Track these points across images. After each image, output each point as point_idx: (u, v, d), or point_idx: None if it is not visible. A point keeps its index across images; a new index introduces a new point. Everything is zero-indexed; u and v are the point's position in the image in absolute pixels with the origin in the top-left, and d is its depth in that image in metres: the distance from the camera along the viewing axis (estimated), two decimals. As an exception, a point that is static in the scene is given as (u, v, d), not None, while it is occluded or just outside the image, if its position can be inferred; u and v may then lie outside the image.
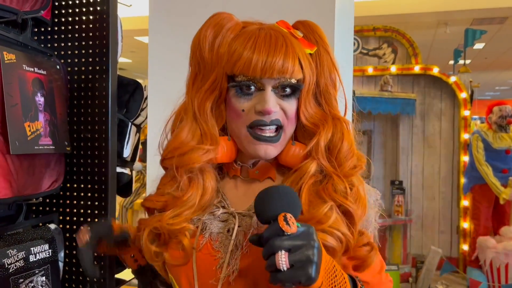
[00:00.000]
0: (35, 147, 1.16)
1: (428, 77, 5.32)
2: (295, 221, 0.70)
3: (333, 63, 0.92)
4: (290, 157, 0.90)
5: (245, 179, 0.95)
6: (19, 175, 1.13)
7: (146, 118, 1.53)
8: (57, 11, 1.41)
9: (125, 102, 1.47)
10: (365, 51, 5.50)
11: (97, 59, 1.39)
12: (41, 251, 1.28)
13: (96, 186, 1.40)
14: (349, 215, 0.84)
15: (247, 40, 0.84)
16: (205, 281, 0.86)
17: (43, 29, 1.42)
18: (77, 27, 1.40)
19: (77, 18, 1.40)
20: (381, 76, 5.18)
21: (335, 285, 0.73)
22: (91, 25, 1.39)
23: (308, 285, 0.68)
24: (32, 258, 1.24)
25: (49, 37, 1.42)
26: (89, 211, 1.41)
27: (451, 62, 7.27)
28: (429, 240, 5.47)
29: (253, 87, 0.85)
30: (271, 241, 0.68)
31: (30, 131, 1.13)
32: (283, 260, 0.66)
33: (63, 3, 1.41)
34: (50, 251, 1.31)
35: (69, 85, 1.39)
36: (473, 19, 6.80)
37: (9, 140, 1.05)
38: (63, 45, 1.40)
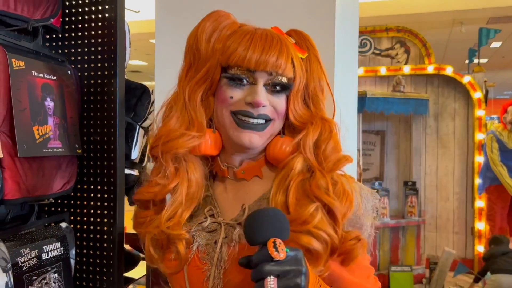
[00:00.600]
0: (44, 150, 1.21)
1: (441, 77, 5.29)
2: (284, 247, 0.71)
3: (322, 70, 0.96)
4: (278, 151, 0.92)
5: (233, 179, 0.97)
6: (28, 177, 1.18)
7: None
8: (67, 18, 1.46)
9: (132, 105, 1.51)
10: (377, 52, 5.49)
11: (105, 64, 1.44)
12: (53, 249, 1.33)
13: (105, 187, 1.45)
14: (332, 213, 0.85)
15: (243, 36, 0.88)
16: None
17: (54, 36, 1.47)
18: (86, 33, 1.45)
19: (86, 25, 1.45)
20: (394, 76, 5.16)
21: None
22: (99, 32, 1.43)
23: None
24: (44, 256, 1.29)
25: (60, 43, 1.48)
26: (98, 211, 1.45)
27: (468, 61, 7.20)
28: (443, 241, 5.43)
29: (245, 81, 0.88)
30: (260, 267, 0.70)
31: (38, 134, 1.18)
32: (271, 285, 0.69)
33: (73, 10, 1.46)
34: (62, 249, 1.35)
35: (80, 90, 1.44)
36: (489, 18, 6.72)
37: (17, 143, 1.10)
38: (73, 51, 1.45)
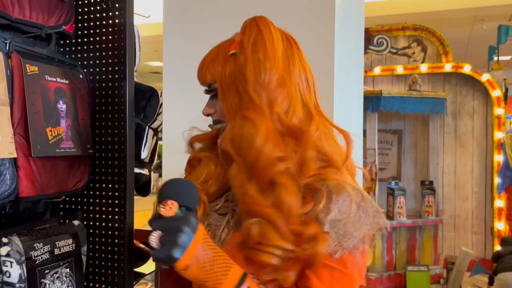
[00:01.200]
0: (56, 150, 1.27)
1: (459, 75, 5.24)
2: (176, 208, 0.78)
3: (267, 50, 0.89)
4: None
5: None
6: (41, 176, 1.24)
7: (162, 122, 1.63)
8: (80, 24, 1.53)
9: (142, 107, 1.57)
10: (394, 51, 5.47)
11: (116, 68, 1.50)
12: (65, 245, 1.40)
13: (116, 185, 1.51)
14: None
15: None
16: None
17: (68, 42, 1.54)
18: (98, 38, 1.51)
19: (98, 30, 1.51)
20: (411, 75, 5.14)
21: (209, 271, 0.77)
22: (110, 37, 1.50)
23: (170, 264, 0.76)
24: (57, 251, 1.36)
25: (74, 48, 1.54)
26: (110, 209, 1.52)
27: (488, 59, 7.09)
28: (462, 241, 5.38)
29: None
30: (150, 222, 0.79)
31: (51, 135, 1.25)
32: (153, 238, 0.76)
33: (86, 17, 1.53)
34: (73, 245, 1.42)
35: (91, 93, 1.51)
36: (511, 14, 6.61)
37: (31, 143, 1.17)
38: (85, 55, 1.52)
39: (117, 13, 1.49)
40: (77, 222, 1.48)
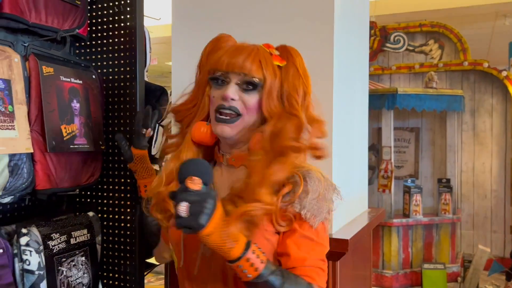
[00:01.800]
0: (71, 146, 1.36)
1: (478, 72, 5.19)
2: (201, 183, 0.91)
3: (300, 76, 1.12)
4: (254, 143, 1.10)
5: (226, 165, 1.17)
6: (57, 170, 1.33)
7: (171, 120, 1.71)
8: (94, 27, 1.62)
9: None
10: (411, 48, 5.45)
11: (127, 69, 1.58)
12: (80, 235, 1.49)
13: (128, 180, 1.59)
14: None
15: (225, 47, 1.12)
16: (190, 255, 1.11)
17: (82, 44, 1.63)
18: (110, 40, 1.60)
19: (110, 33, 1.60)
20: (428, 72, 5.12)
21: (225, 237, 0.92)
22: (121, 39, 1.58)
23: (198, 230, 0.89)
24: (73, 240, 1.45)
25: (88, 50, 1.63)
26: (122, 202, 1.60)
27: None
28: (480, 239, 5.33)
29: (221, 81, 1.11)
30: (178, 194, 0.89)
31: (66, 132, 1.34)
32: (183, 208, 0.88)
33: (99, 20, 1.62)
34: (88, 235, 1.51)
35: (104, 92, 1.60)
36: (535, 9, 6.49)
37: (47, 140, 1.26)
38: (98, 57, 1.61)
39: (128, 16, 1.58)
40: (91, 213, 1.57)
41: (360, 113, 1.86)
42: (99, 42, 1.61)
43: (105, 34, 1.61)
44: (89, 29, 1.60)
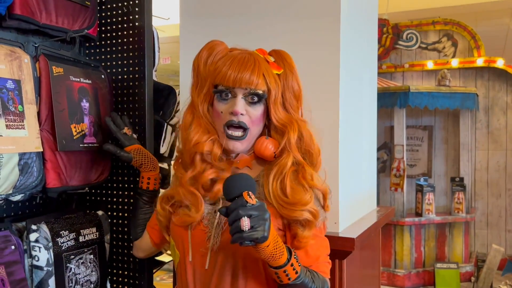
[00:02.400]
0: (80, 145, 1.38)
1: (492, 69, 5.12)
2: (254, 197, 0.94)
3: (297, 82, 1.20)
4: (263, 148, 1.17)
5: (231, 167, 1.21)
6: (67, 169, 1.35)
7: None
8: (103, 28, 1.64)
9: (160, 105, 1.67)
10: (424, 45, 5.40)
11: (136, 68, 1.60)
12: (89, 233, 1.51)
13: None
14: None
15: (227, 60, 1.15)
16: (197, 249, 1.16)
17: (92, 44, 1.65)
18: (119, 41, 1.61)
19: (119, 33, 1.62)
20: (441, 70, 5.06)
21: (278, 247, 0.99)
22: (130, 39, 1.59)
23: (262, 242, 0.94)
24: (81, 238, 1.47)
25: (98, 50, 1.65)
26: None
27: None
28: (495, 238, 5.27)
29: (228, 94, 1.14)
30: (237, 210, 0.93)
31: (76, 131, 1.36)
32: (246, 223, 0.91)
33: (108, 20, 1.63)
34: (97, 233, 1.53)
35: (113, 91, 1.61)
36: (551, 5, 6.37)
37: (57, 139, 1.28)
38: (107, 57, 1.63)
39: (136, 16, 1.59)
40: (101, 212, 1.59)
41: (368, 111, 1.86)
42: (108, 42, 1.63)
43: (114, 34, 1.63)
44: (98, 29, 1.62)
